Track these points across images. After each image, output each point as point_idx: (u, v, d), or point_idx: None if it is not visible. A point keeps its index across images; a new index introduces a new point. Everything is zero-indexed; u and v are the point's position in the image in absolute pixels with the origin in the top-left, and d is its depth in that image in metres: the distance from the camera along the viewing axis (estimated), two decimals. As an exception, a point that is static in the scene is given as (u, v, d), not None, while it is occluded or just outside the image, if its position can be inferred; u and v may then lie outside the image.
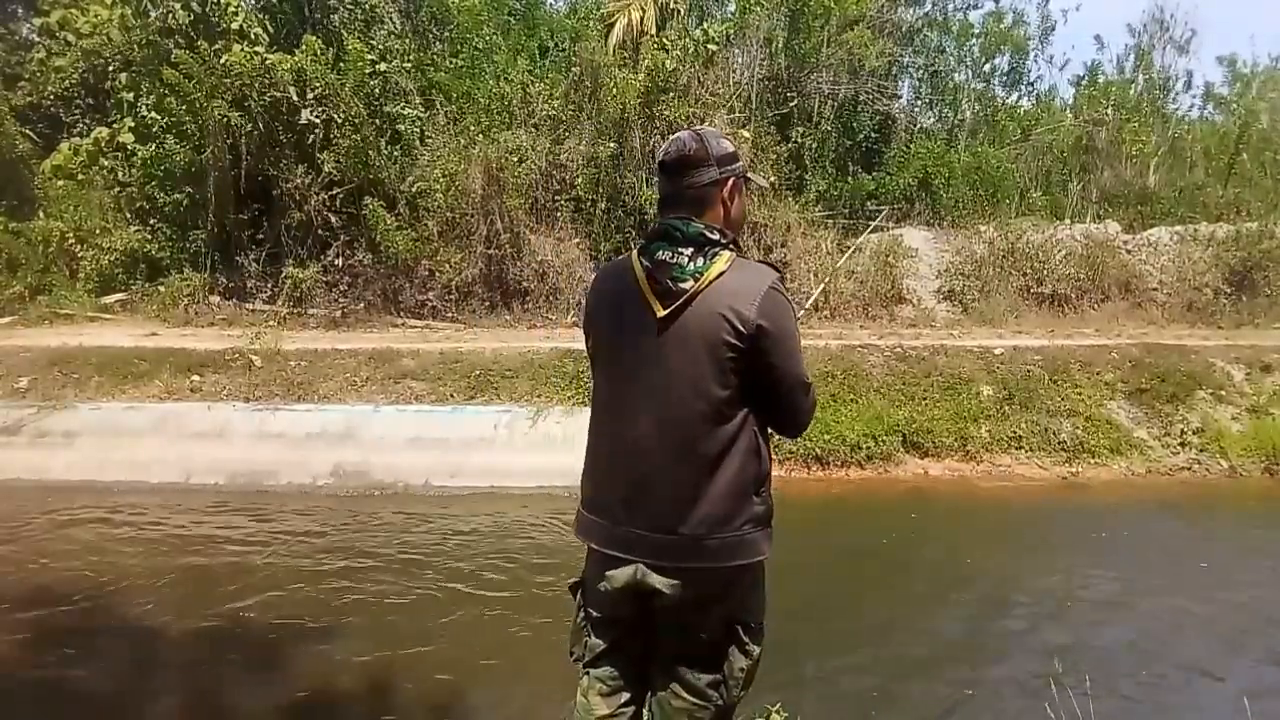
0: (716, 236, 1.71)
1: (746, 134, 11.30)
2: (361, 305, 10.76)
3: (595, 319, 1.83)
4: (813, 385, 1.78)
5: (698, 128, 1.87)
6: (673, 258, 1.68)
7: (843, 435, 7.74)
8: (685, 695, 1.72)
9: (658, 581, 1.67)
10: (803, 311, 9.60)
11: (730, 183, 1.78)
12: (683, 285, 1.66)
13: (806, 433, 2.25)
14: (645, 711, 1.84)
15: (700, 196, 1.75)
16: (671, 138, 1.81)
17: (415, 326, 10.50)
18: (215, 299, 10.83)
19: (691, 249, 1.68)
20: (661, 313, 1.67)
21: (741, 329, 1.63)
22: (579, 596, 1.86)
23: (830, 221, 11.99)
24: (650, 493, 1.68)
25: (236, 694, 4.09)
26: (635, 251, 1.77)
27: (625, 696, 1.79)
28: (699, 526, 1.65)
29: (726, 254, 1.70)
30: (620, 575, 1.71)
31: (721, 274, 1.67)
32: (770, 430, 1.79)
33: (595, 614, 1.80)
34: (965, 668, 4.52)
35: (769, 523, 1.74)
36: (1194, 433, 8.06)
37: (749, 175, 1.87)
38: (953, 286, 11.20)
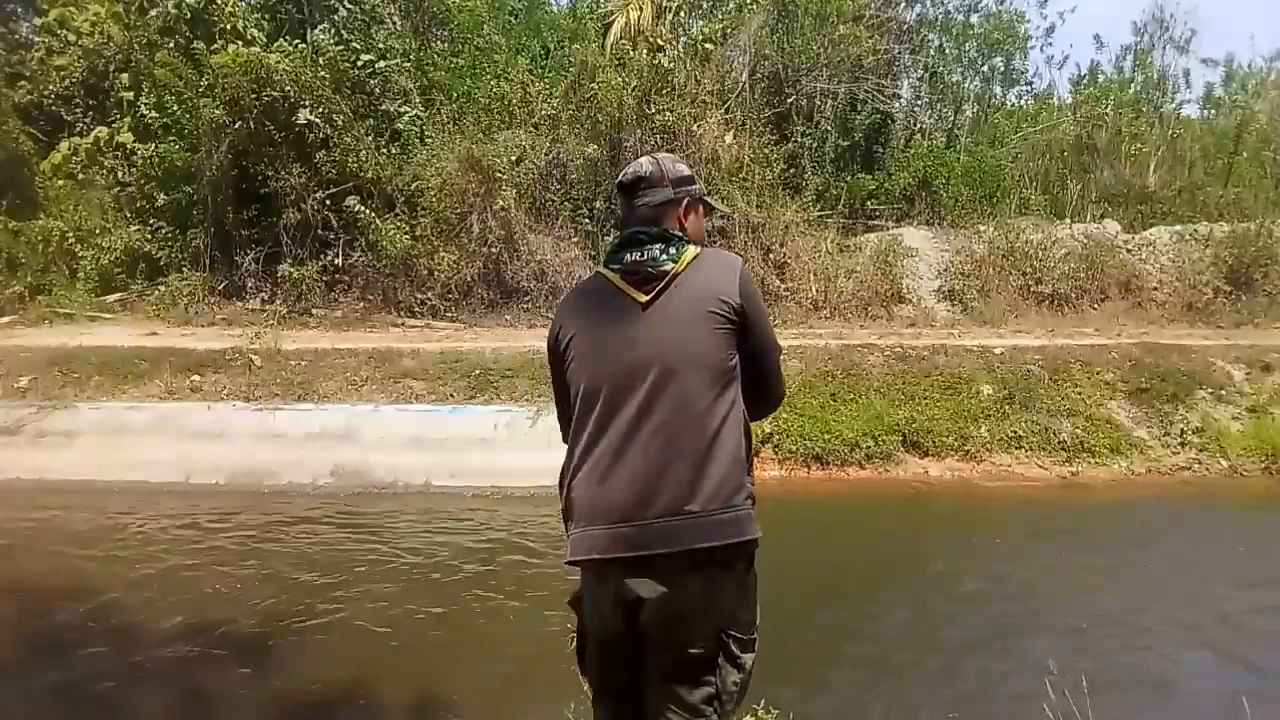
0: (680, 234, 1.82)
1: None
2: (361, 305, 10.77)
3: (569, 331, 1.82)
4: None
5: (656, 153, 1.99)
6: (644, 255, 1.76)
7: (842, 435, 7.74)
8: (680, 713, 1.70)
9: (645, 590, 1.64)
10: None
11: (685, 203, 1.88)
12: (664, 269, 1.74)
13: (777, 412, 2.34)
14: None
15: (657, 214, 1.84)
16: (632, 163, 1.93)
17: (415, 326, 10.50)
18: (215, 298, 10.83)
19: (661, 244, 1.78)
20: (644, 299, 1.73)
21: (729, 303, 1.72)
22: (578, 614, 1.83)
23: (829, 221, 12.00)
24: (656, 476, 1.65)
25: (236, 694, 4.08)
26: (603, 265, 1.85)
27: None
28: (710, 499, 1.65)
29: (693, 248, 1.80)
30: (626, 584, 1.66)
31: (695, 259, 1.77)
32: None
33: (594, 632, 1.78)
34: (960, 667, 4.51)
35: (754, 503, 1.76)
36: (1194, 432, 8.05)
37: (706, 199, 1.99)
38: (952, 286, 11.20)
